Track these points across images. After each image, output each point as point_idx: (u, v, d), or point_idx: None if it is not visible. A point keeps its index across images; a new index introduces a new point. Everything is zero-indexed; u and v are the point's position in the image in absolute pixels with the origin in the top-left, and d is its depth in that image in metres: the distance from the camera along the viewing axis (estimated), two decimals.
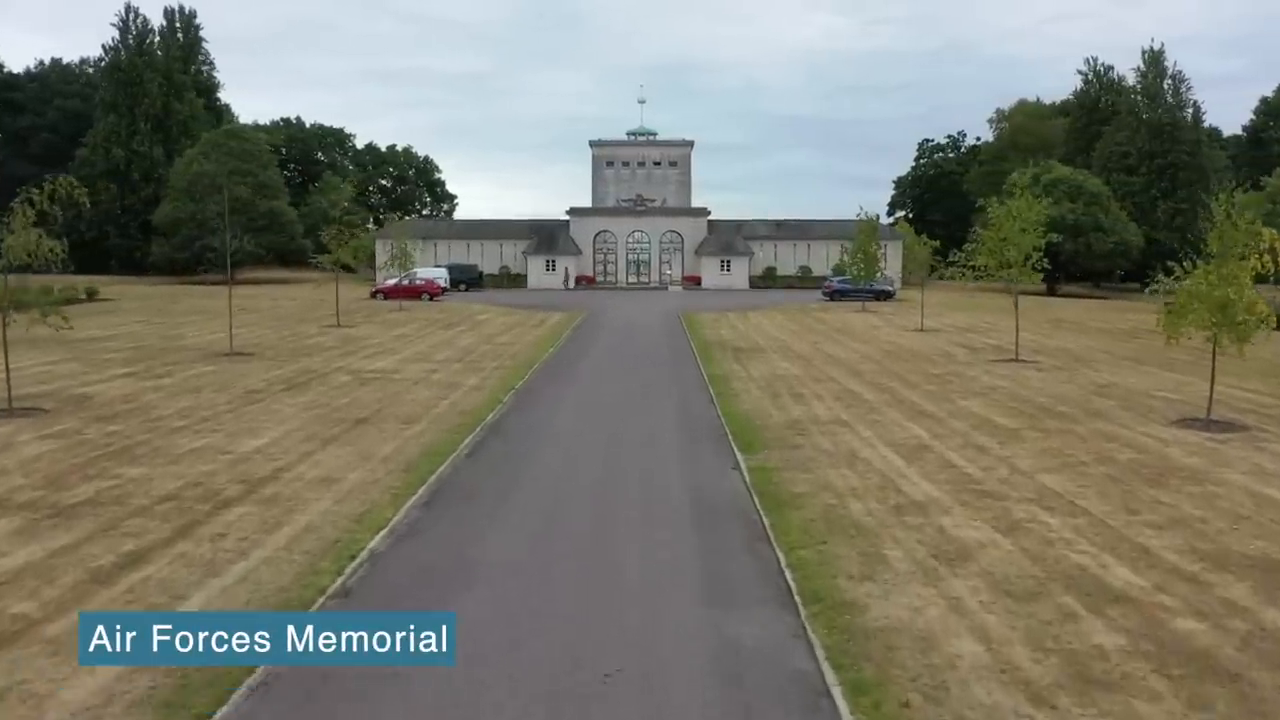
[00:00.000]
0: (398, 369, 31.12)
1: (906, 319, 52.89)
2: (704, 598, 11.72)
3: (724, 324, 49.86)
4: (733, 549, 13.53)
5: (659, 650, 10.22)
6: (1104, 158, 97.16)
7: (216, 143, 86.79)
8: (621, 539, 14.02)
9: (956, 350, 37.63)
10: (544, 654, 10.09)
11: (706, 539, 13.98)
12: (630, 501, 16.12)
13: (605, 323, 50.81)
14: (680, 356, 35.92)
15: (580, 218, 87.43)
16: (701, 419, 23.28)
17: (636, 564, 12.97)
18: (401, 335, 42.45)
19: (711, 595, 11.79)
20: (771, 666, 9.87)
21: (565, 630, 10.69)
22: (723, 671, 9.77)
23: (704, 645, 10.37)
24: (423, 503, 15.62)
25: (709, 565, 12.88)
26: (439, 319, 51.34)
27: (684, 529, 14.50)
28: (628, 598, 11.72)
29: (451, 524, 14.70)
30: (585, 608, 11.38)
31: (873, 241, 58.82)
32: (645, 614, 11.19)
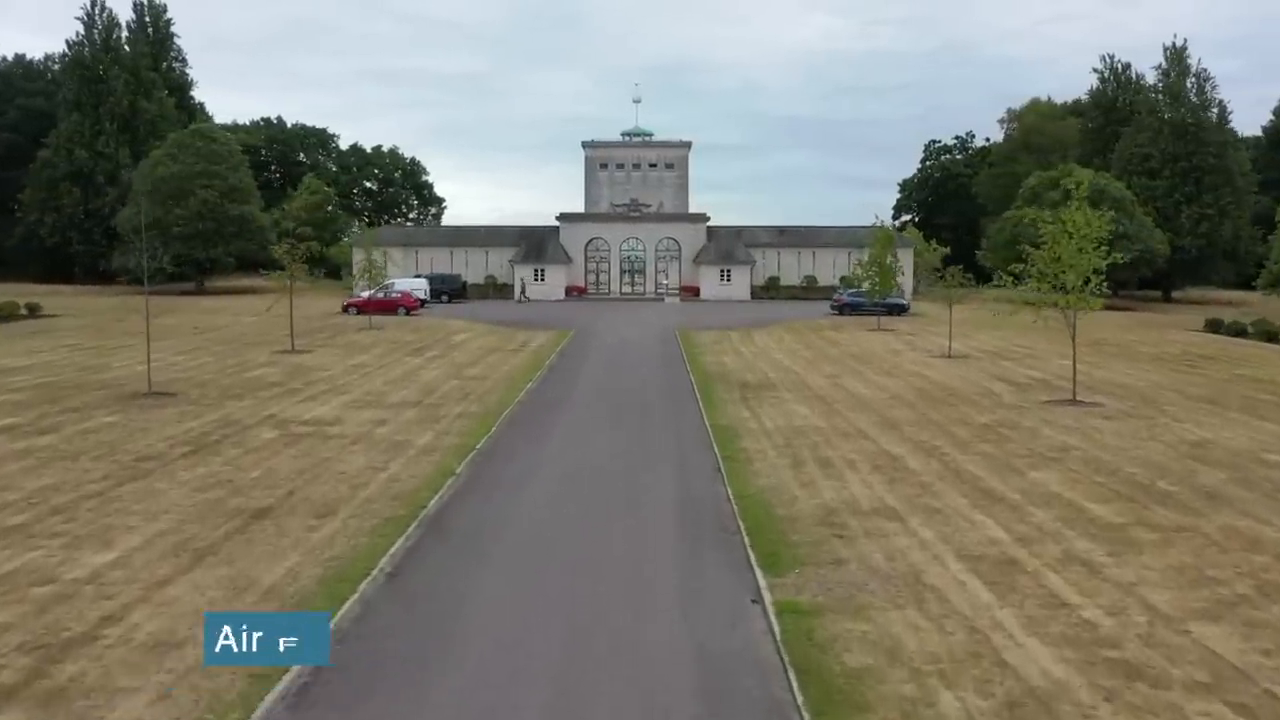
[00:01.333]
0: (339, 419, 25.86)
1: (928, 340, 47.71)
2: None
3: (726, 346, 44.65)
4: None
5: None
6: (1124, 160, 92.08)
7: (184, 143, 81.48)
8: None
9: (998, 387, 32.43)
10: None
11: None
12: (601, 692, 10.89)
13: (594, 345, 45.57)
14: (678, 396, 30.67)
15: (571, 224, 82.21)
16: (707, 505, 18.05)
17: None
18: (359, 365, 37.21)
19: None
20: None
21: None
22: None
23: None
24: (287, 701, 10.35)
25: None
26: (409, 341, 46.09)
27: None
28: None
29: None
30: None
31: (888, 252, 53.66)
32: None
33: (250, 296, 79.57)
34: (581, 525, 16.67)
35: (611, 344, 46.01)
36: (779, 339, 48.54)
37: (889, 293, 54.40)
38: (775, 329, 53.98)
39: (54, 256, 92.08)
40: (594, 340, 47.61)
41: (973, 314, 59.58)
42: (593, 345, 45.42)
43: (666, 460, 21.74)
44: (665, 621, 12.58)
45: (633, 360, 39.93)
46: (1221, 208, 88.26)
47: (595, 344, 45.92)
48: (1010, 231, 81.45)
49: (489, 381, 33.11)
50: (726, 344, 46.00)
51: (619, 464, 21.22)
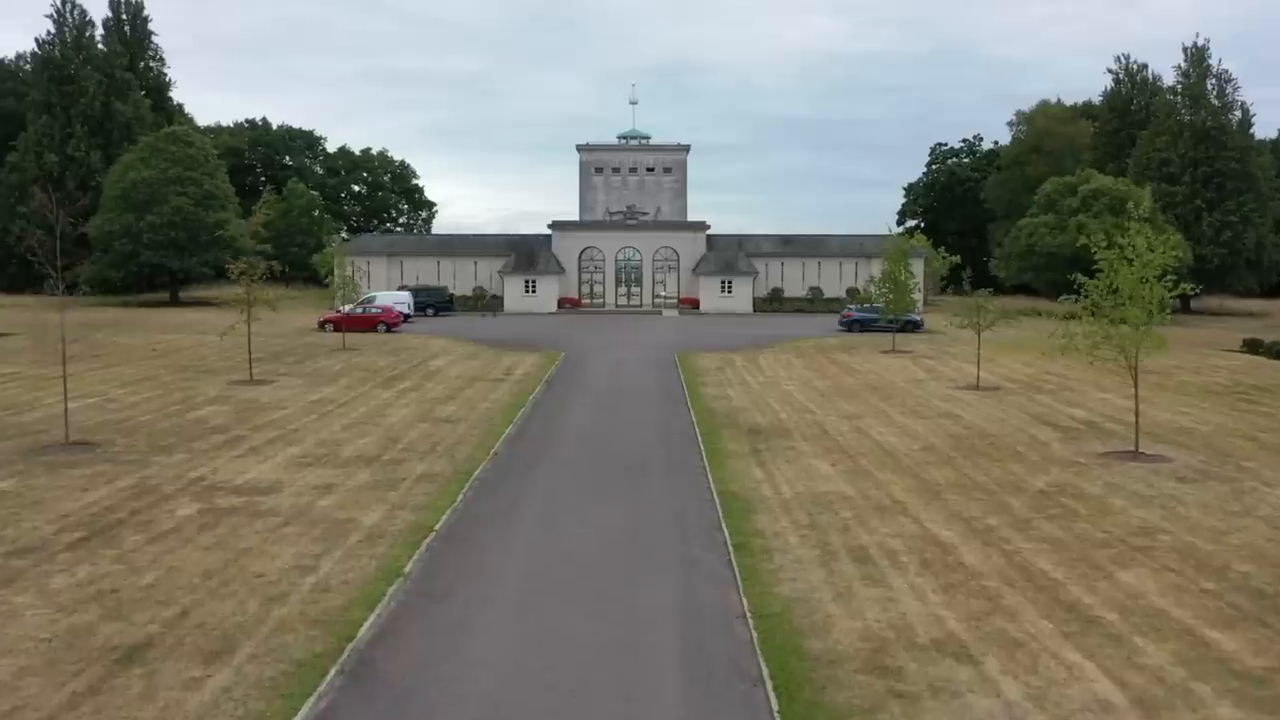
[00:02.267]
0: (277, 484, 21.84)
1: (951, 366, 43.76)
2: None
3: (730, 374, 40.68)
4: None
5: None
6: (1141, 165, 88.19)
7: (156, 147, 77.47)
8: None
9: (1043, 432, 28.44)
10: None
11: None
12: None
13: (584, 374, 41.55)
14: (678, 448, 26.64)
15: (564, 232, 78.22)
16: (717, 633, 14.03)
17: None
18: (321, 401, 33.18)
19: None
20: None
21: None
22: None
23: None
24: None
25: None
26: (382, 368, 42.06)
27: None
28: None
29: None
30: None
31: (903, 266, 49.68)
32: None
33: (226, 309, 75.50)
34: (550, 680, 12.63)
35: (604, 372, 42.00)
36: (787, 364, 44.56)
37: (905, 311, 50.38)
38: (782, 350, 50.02)
39: (23, 265, 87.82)
40: (585, 366, 43.61)
41: (994, 333, 54.84)
42: (583, 374, 41.41)
43: (664, 551, 17.73)
44: None
45: (627, 394, 35.92)
46: (1244, 215, 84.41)
47: (586, 372, 41.91)
48: (1025, 240, 77.65)
49: (462, 426, 29.07)
50: (730, 370, 42.03)
51: (603, 562, 17.18)
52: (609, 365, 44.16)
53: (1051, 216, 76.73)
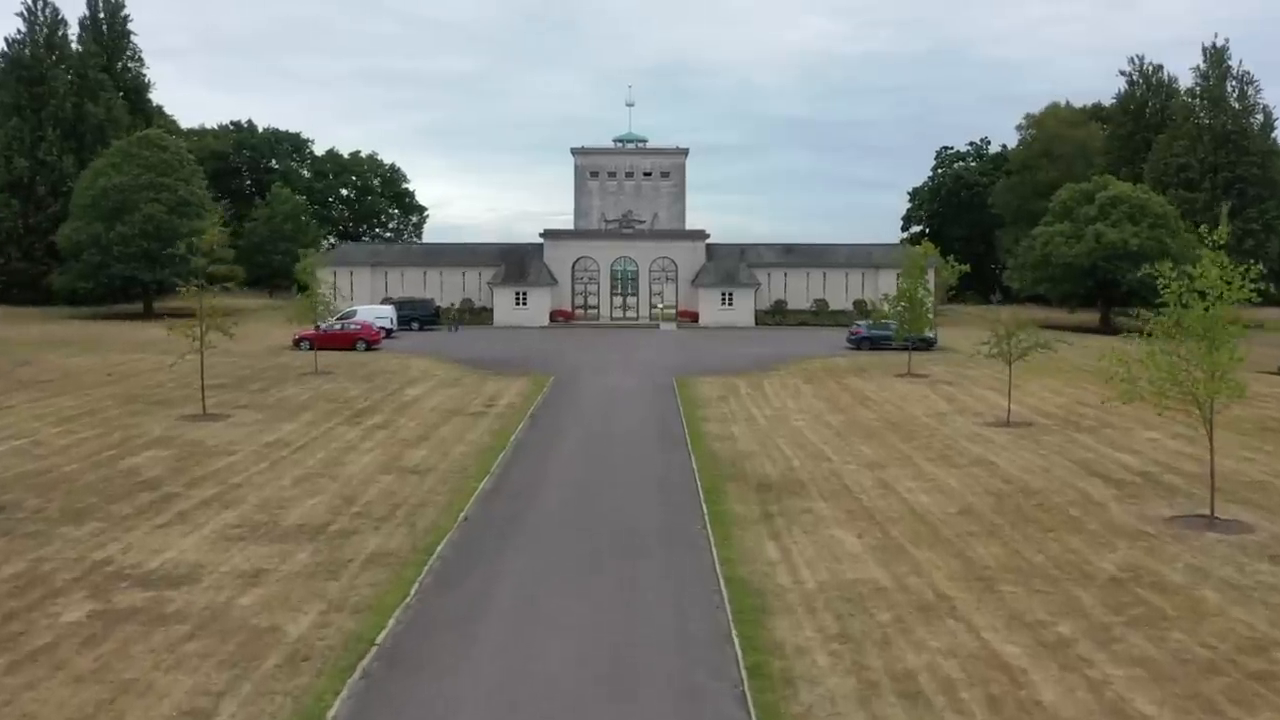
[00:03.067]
0: (197, 569, 18.21)
1: (973, 393, 40.18)
2: None
3: (735, 406, 37.08)
4: None
5: None
6: (1158, 170, 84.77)
7: (128, 152, 73.77)
8: None
9: (1095, 487, 24.82)
10: None
11: None
12: None
13: (574, 405, 37.92)
14: (677, 511, 23.00)
15: (556, 242, 74.57)
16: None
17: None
18: (276, 444, 29.52)
19: None
20: None
21: None
22: None
23: None
24: None
25: None
26: (354, 398, 38.42)
27: None
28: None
29: None
30: None
31: (921, 282, 46.03)
32: None
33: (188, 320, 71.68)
34: None
35: (595, 403, 38.36)
36: (795, 391, 40.94)
37: (922, 331, 46.72)
38: (789, 373, 46.42)
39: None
40: (575, 395, 39.96)
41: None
42: (572, 405, 37.77)
43: (661, 679, 14.10)
44: None
45: (620, 433, 32.27)
46: (1267, 222, 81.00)
47: (575, 403, 38.27)
48: (1040, 250, 74.09)
49: (431, 478, 25.43)
50: (734, 400, 38.42)
51: (585, 700, 13.56)
52: (601, 393, 40.55)
53: (1067, 225, 73.16)
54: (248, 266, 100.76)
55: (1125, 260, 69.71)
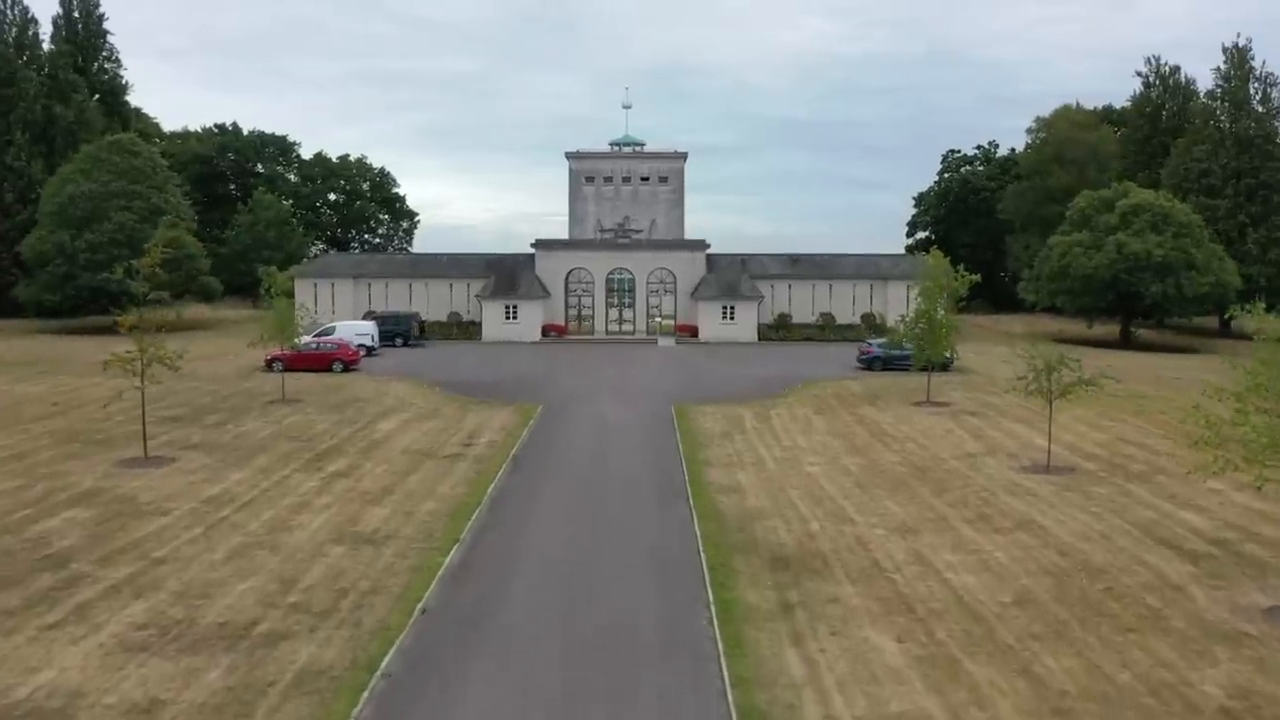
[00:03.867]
0: (76, 699, 14.54)
1: (1002, 427, 36.52)
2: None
3: (740, 444, 33.40)
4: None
5: None
6: (1177, 175, 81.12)
7: (98, 157, 70.08)
8: None
9: (1169, 562, 21.15)
10: None
11: None
12: None
13: (563, 443, 34.20)
14: (680, 599, 19.31)
15: (548, 252, 70.81)
16: None
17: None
18: (218, 499, 25.82)
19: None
20: None
21: None
22: None
23: None
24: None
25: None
26: (319, 434, 34.70)
27: None
28: None
29: None
30: None
31: (941, 300, 42.31)
32: None
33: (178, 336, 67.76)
34: None
35: (586, 440, 34.63)
36: (806, 425, 37.25)
37: (942, 356, 42.93)
38: (798, 400, 42.74)
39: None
40: (564, 430, 36.21)
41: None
42: (561, 442, 34.04)
43: None
44: None
45: (613, 482, 28.53)
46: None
47: (564, 440, 34.52)
48: (1057, 261, 70.37)
49: (388, 551, 21.73)
50: (739, 437, 34.74)
51: None
52: (593, 428, 36.86)
53: (1086, 234, 69.44)
54: (230, 275, 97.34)
55: (1148, 272, 66.13)
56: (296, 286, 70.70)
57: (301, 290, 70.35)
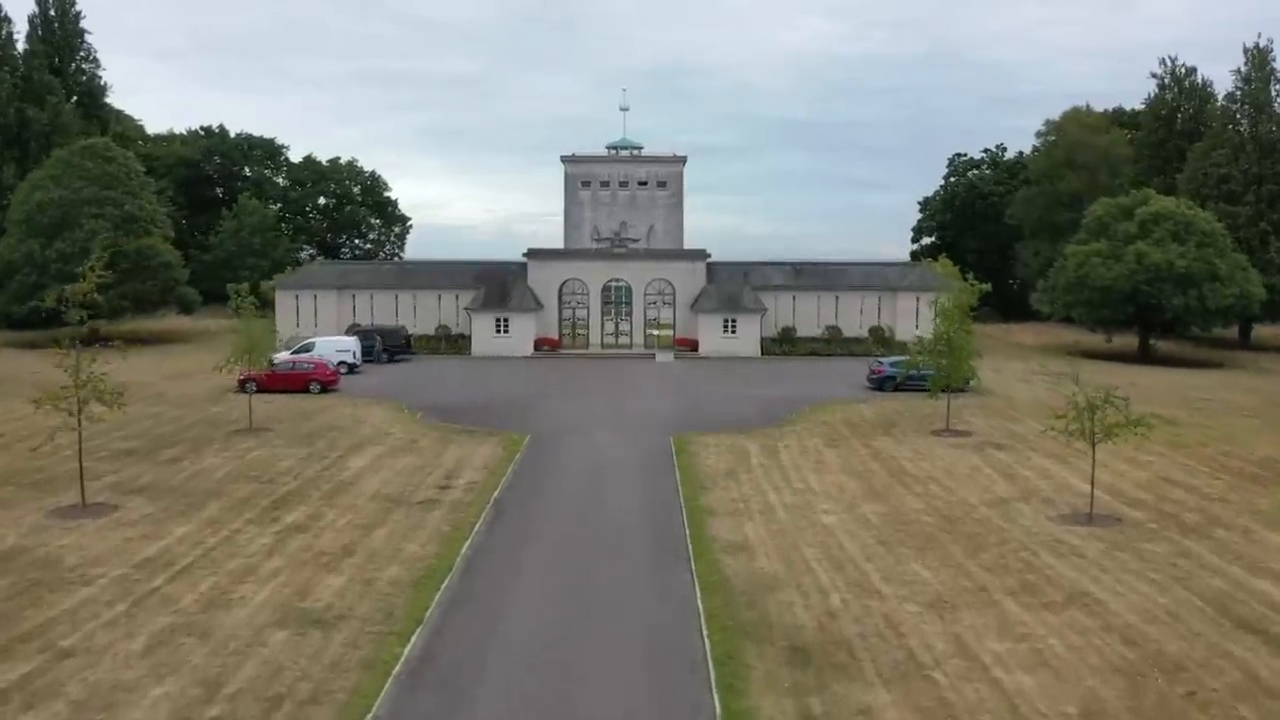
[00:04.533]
0: None
1: (1033, 464, 33.36)
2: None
3: (746, 487, 30.24)
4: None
5: None
6: (1195, 181, 77.94)
7: (70, 163, 66.81)
8: None
9: (1256, 651, 18.01)
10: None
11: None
12: None
13: (551, 483, 31.03)
14: (678, 714, 16.16)
15: (541, 263, 67.58)
16: None
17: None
18: (152, 561, 22.64)
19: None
20: None
21: None
22: None
23: None
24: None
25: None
26: (282, 474, 31.50)
27: None
28: None
29: None
30: None
31: (962, 320, 39.12)
32: None
33: (153, 350, 64.98)
34: None
35: (576, 482, 31.42)
36: (817, 460, 34.09)
37: (963, 381, 39.67)
38: (807, 429, 39.59)
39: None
40: (552, 469, 33.00)
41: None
42: (548, 485, 30.83)
43: None
44: None
45: (604, 539, 25.33)
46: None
47: (552, 482, 31.29)
48: (1074, 271, 67.20)
49: (338, 637, 18.53)
50: (745, 476, 31.58)
51: None
52: (584, 465, 33.68)
53: (1104, 243, 66.26)
54: (213, 283, 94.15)
55: (1170, 284, 63.00)
56: (278, 298, 67.89)
57: (283, 302, 67.38)
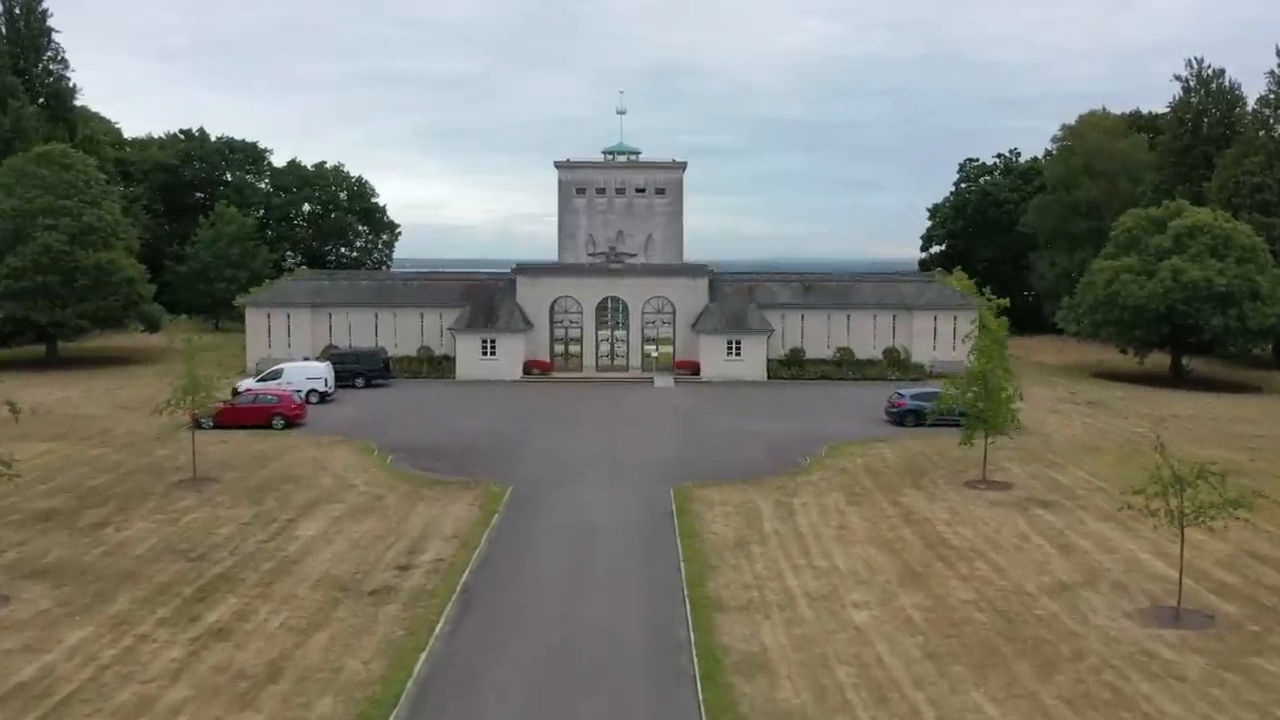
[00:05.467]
0: None
1: (1090, 533, 28.81)
2: None
3: (760, 566, 25.70)
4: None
5: None
6: (1227, 190, 73.39)
7: (23, 170, 62.18)
8: None
9: None
10: None
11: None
12: None
13: (530, 567, 26.45)
14: None
15: (531, 279, 62.97)
16: None
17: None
18: (17, 698, 18.07)
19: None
20: None
21: None
22: None
23: None
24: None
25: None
26: (216, 547, 26.90)
27: None
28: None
29: None
30: None
31: (1000, 357, 34.56)
32: None
33: (115, 372, 60.39)
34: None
35: (560, 562, 26.83)
36: (840, 525, 29.54)
37: (1003, 429, 34.89)
38: (823, 480, 35.07)
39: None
40: (533, 540, 28.43)
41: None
42: (527, 563, 26.24)
43: None
44: None
45: (594, 649, 20.76)
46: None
47: (531, 560, 26.70)
48: (1103, 289, 62.69)
49: None
50: (757, 550, 27.04)
51: None
52: (571, 534, 29.10)
53: (1135, 259, 61.74)
54: (189, 295, 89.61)
55: (1209, 303, 58.51)
56: (248, 316, 63.25)
57: (253, 321, 62.83)
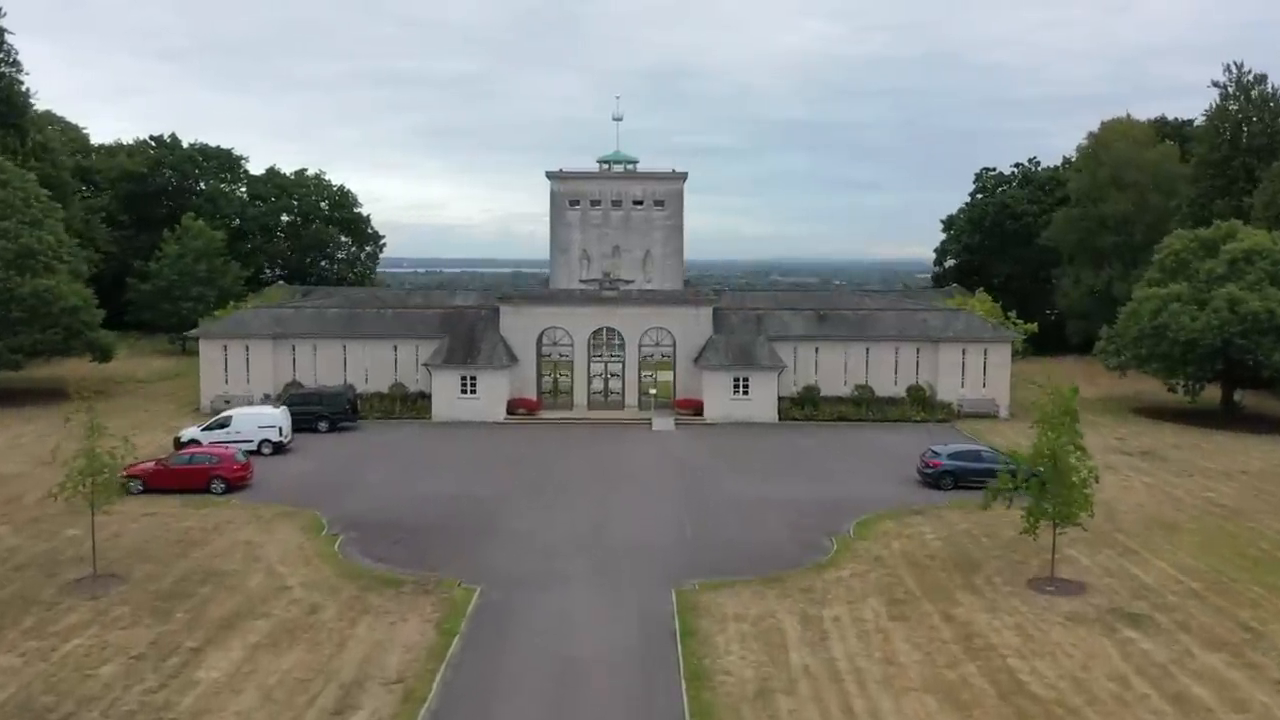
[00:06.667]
0: None
1: (1195, 666, 22.82)
2: None
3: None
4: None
5: None
6: (1274, 207, 67.39)
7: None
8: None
9: None
10: None
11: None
12: None
13: (496, 716, 20.48)
14: None
15: (515, 309, 56.88)
16: None
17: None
18: None
19: None
20: None
21: None
22: None
23: None
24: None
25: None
26: (90, 698, 20.84)
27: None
28: None
29: None
30: None
31: (1072, 429, 28.49)
32: None
33: (51, 410, 53.69)
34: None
35: (532, 717, 20.82)
36: (886, 660, 23.54)
37: (1072, 519, 28.81)
38: (856, 578, 29.07)
39: None
40: (499, 686, 22.38)
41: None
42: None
43: None
44: None
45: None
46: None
47: (495, 713, 20.70)
48: (1149, 320, 56.75)
49: None
50: (783, 699, 21.04)
51: None
52: (548, 670, 23.10)
53: (1185, 286, 55.77)
54: (154, 315, 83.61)
55: (1270, 335, 52.59)
56: (202, 349, 57.12)
57: (208, 354, 56.73)
